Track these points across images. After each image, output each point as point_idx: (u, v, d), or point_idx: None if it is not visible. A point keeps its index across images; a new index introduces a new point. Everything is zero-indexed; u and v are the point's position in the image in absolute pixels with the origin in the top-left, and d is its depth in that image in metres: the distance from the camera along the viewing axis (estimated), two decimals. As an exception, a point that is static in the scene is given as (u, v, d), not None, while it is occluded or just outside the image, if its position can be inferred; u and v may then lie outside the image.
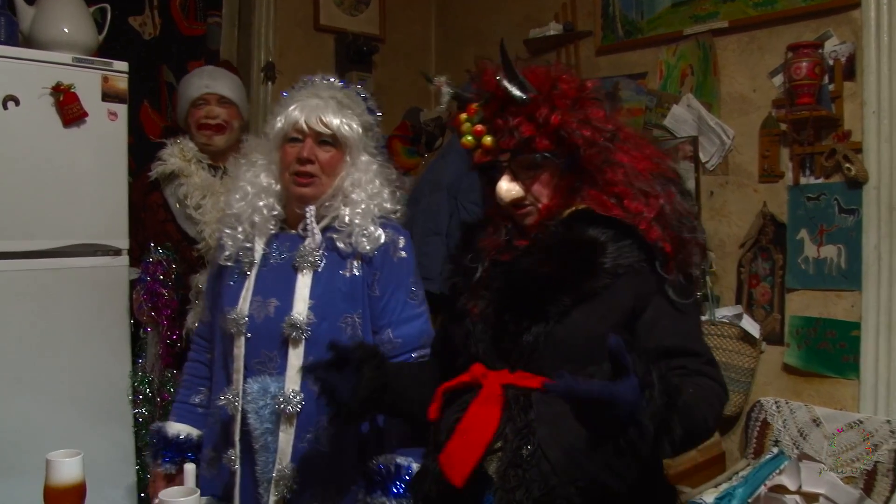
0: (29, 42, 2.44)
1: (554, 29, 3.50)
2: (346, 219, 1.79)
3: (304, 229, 1.82)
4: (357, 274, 1.80)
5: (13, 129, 2.28)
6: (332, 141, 1.79)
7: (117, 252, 2.47)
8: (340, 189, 1.81)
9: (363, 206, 1.81)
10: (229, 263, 1.82)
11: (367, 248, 1.79)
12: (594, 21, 3.39)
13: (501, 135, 1.45)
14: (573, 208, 1.45)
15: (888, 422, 2.41)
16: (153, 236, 2.52)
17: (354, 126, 1.82)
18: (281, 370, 1.74)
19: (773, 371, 2.79)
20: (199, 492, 1.37)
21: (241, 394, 1.75)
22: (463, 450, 1.40)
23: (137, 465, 2.50)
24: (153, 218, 2.56)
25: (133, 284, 2.49)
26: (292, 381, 1.73)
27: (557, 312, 1.39)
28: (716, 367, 1.40)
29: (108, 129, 2.44)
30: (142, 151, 2.60)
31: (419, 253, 3.35)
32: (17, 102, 2.28)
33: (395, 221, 1.88)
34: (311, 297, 1.76)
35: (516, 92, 1.42)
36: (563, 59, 3.52)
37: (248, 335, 1.75)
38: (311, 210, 1.79)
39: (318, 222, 1.80)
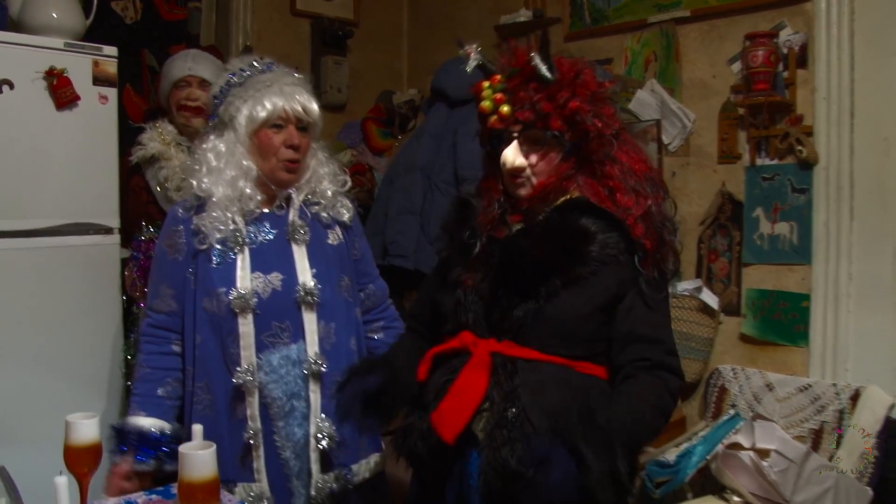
0: (18, 27, 2.50)
1: (524, 15, 3.60)
2: (328, 192, 1.94)
3: (280, 207, 1.92)
4: (341, 241, 1.98)
5: (7, 112, 2.35)
6: (307, 126, 1.89)
7: (108, 230, 2.56)
8: (311, 169, 1.94)
9: (332, 184, 1.96)
10: (217, 247, 1.85)
11: (346, 217, 1.98)
12: (563, 8, 3.51)
13: (520, 106, 1.56)
14: (567, 196, 1.59)
15: (834, 385, 2.59)
16: (137, 218, 2.58)
17: (320, 110, 1.93)
18: (294, 338, 1.85)
19: (731, 340, 2.96)
20: (214, 445, 1.46)
21: (255, 368, 1.81)
22: (455, 410, 1.52)
23: (129, 433, 2.60)
24: (136, 200, 2.62)
25: (125, 262, 2.57)
26: (313, 344, 1.85)
27: (548, 293, 1.53)
28: (675, 357, 1.57)
29: (99, 112, 2.52)
30: (124, 134, 2.65)
31: (394, 230, 3.49)
32: (11, 86, 2.35)
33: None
34: (312, 265, 1.88)
35: (545, 71, 1.55)
36: (533, 43, 3.65)
37: (257, 311, 1.82)
38: (293, 190, 1.91)
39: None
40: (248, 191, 1.86)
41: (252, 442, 1.84)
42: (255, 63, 1.93)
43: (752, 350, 2.90)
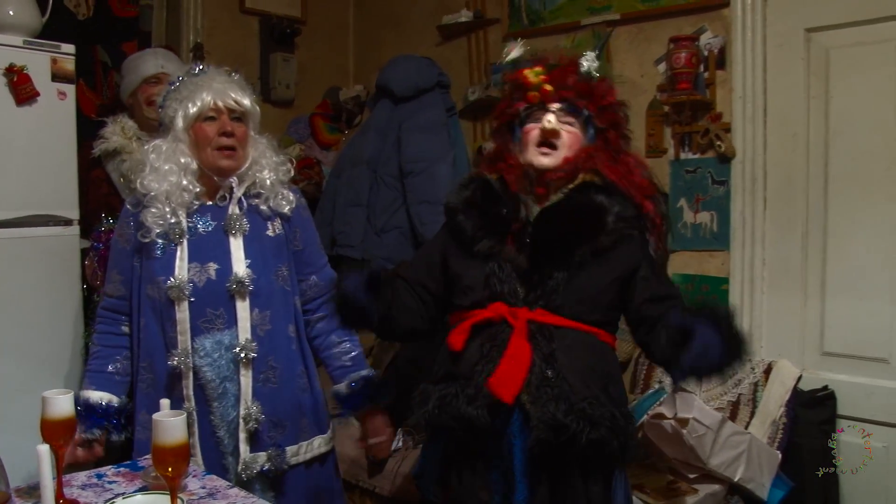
0: (-25, 25, 2.57)
1: (465, 16, 3.75)
2: (268, 182, 2.05)
3: (223, 199, 2.03)
4: (280, 233, 2.08)
5: (-32, 107, 2.41)
6: (242, 117, 2.02)
7: (68, 222, 2.64)
8: (253, 160, 2.05)
9: (274, 173, 2.07)
10: (158, 240, 1.97)
11: (286, 208, 2.08)
12: (501, 9, 3.66)
13: (566, 86, 1.81)
14: (582, 179, 1.79)
15: (749, 360, 2.81)
16: (97, 210, 2.66)
17: (254, 104, 2.06)
18: (229, 324, 1.97)
19: (658, 322, 3.17)
20: (185, 414, 1.59)
21: (189, 352, 1.95)
22: (511, 373, 1.70)
23: (90, 418, 2.69)
24: (96, 192, 2.70)
25: (85, 252, 2.66)
26: (244, 331, 1.97)
27: (579, 262, 1.74)
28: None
29: (58, 107, 2.59)
30: (79, 128, 2.73)
31: (341, 222, 3.60)
32: (-29, 83, 2.43)
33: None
34: (247, 256, 1.99)
35: (594, 70, 1.83)
36: (472, 44, 3.79)
37: (192, 299, 1.95)
38: (234, 180, 2.02)
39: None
40: (185, 183, 1.97)
41: (187, 421, 1.97)
42: (191, 70, 2.09)
43: (678, 330, 3.10)
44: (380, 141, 3.59)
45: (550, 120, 1.78)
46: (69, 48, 2.62)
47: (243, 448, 1.97)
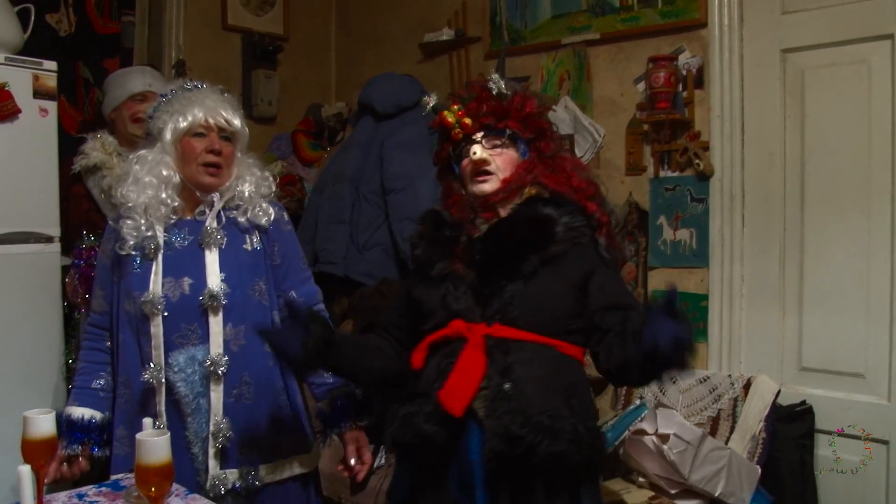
0: (-43, 42, 2.57)
1: (447, 34, 3.78)
2: (246, 194, 2.04)
3: (202, 214, 2.02)
4: (258, 247, 2.07)
5: (-51, 124, 2.41)
6: (230, 137, 2.03)
7: (49, 239, 2.64)
8: (236, 177, 2.05)
9: (254, 187, 2.06)
10: (133, 252, 1.96)
11: (264, 221, 2.06)
12: (483, 28, 3.68)
13: (482, 114, 1.83)
14: (528, 193, 1.83)
15: (729, 376, 2.84)
16: (78, 226, 2.66)
17: (244, 125, 2.07)
18: (203, 339, 1.95)
19: (639, 338, 3.19)
20: (169, 433, 1.59)
21: (163, 367, 1.92)
22: (461, 386, 1.69)
23: (70, 436, 2.67)
24: (77, 208, 2.70)
25: (66, 270, 2.64)
26: (217, 345, 1.95)
27: (529, 272, 1.75)
28: None
29: (40, 124, 2.60)
30: (60, 145, 2.73)
31: (324, 238, 3.60)
32: (-48, 100, 2.43)
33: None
34: (222, 270, 1.97)
35: (503, 86, 1.84)
36: (454, 62, 3.82)
37: (166, 314, 1.93)
38: (216, 196, 2.02)
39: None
40: (164, 196, 1.97)
41: None
42: (184, 84, 2.09)
43: (658, 346, 3.13)
44: (362, 158, 3.60)
45: (476, 151, 1.83)
46: (51, 65, 2.63)
47: (212, 464, 1.94)
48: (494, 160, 1.84)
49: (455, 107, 1.87)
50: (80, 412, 1.98)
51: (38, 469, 1.65)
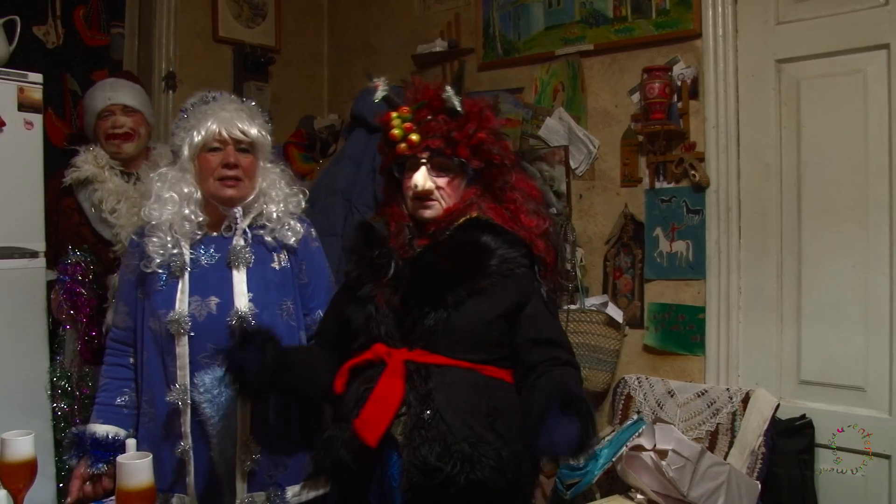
0: (-58, 54, 2.53)
1: (439, 45, 3.74)
2: (274, 215, 2.02)
3: (228, 230, 2.00)
4: (286, 265, 2.04)
5: (-68, 138, 2.35)
6: (249, 148, 2.00)
7: (34, 254, 2.57)
8: (261, 191, 2.02)
9: (282, 204, 2.03)
10: (159, 270, 1.95)
11: (292, 240, 2.04)
12: (476, 39, 3.65)
13: (431, 134, 1.74)
14: (468, 216, 1.76)
15: (727, 389, 2.80)
16: (67, 239, 2.62)
17: (264, 133, 2.04)
18: None
19: (635, 351, 3.13)
20: (150, 455, 1.55)
21: (188, 388, 1.90)
22: (376, 415, 1.64)
23: (56, 457, 2.58)
24: (67, 222, 2.66)
25: (51, 285, 2.59)
26: None
27: (454, 301, 1.69)
28: (573, 355, 1.77)
29: (25, 137, 2.54)
30: (48, 157, 2.69)
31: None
32: (-65, 113, 2.38)
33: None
34: (249, 290, 1.95)
35: (457, 105, 1.75)
36: (447, 73, 3.77)
37: (192, 334, 1.91)
38: (238, 211, 1.99)
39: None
40: (187, 212, 1.95)
41: (184, 458, 1.92)
42: (203, 96, 2.05)
43: (655, 360, 3.08)
44: (354, 170, 3.56)
45: (418, 183, 1.76)
46: (36, 77, 2.58)
47: (240, 487, 1.92)
48: (439, 190, 1.78)
49: (405, 113, 1.79)
50: (104, 430, 1.96)
51: (16, 493, 1.62)
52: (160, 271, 1.95)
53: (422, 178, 1.76)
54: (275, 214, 2.02)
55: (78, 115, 3.19)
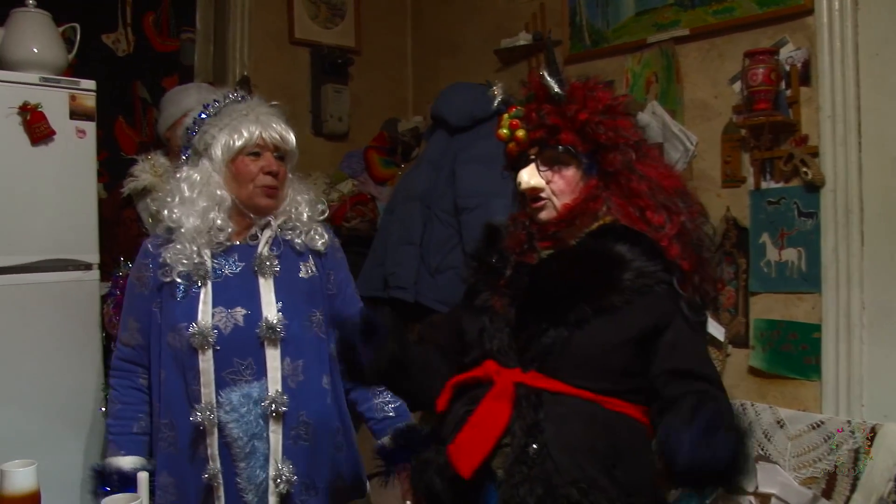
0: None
1: (524, 39, 3.57)
2: (304, 217, 1.94)
3: (253, 238, 1.90)
4: (314, 274, 1.95)
5: (-20, 149, 2.33)
6: (284, 156, 1.92)
7: (88, 266, 2.54)
8: (290, 198, 1.94)
9: (309, 209, 1.96)
10: (178, 280, 1.85)
11: (320, 244, 1.96)
12: (562, 30, 3.44)
13: (533, 126, 1.57)
14: (601, 222, 1.56)
15: (848, 422, 2.45)
16: (127, 251, 2.57)
17: (295, 140, 1.96)
18: (258, 375, 1.83)
19: (739, 373, 2.84)
20: (140, 499, 1.42)
21: (214, 406, 1.80)
22: (473, 442, 1.47)
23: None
24: (127, 233, 2.64)
25: (104, 298, 2.55)
26: (275, 382, 1.82)
27: (577, 320, 1.48)
28: (724, 390, 1.50)
29: (77, 146, 2.50)
30: (116, 166, 2.65)
31: (393, 262, 3.44)
32: (-15, 122, 2.35)
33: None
34: (278, 299, 1.85)
35: (554, 87, 1.56)
36: (533, 68, 3.58)
37: (217, 347, 1.80)
38: (272, 219, 1.91)
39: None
40: (219, 222, 1.85)
41: (213, 483, 1.81)
42: (230, 94, 1.96)
43: (762, 384, 2.78)
44: (433, 174, 3.44)
45: (522, 180, 1.57)
46: (89, 84, 2.54)
47: None
48: (549, 185, 1.57)
49: (513, 111, 1.63)
50: (128, 462, 1.87)
51: (17, 528, 1.52)
52: (179, 281, 1.85)
53: (526, 174, 1.57)
54: (305, 216, 1.95)
55: (148, 122, 3.17)
